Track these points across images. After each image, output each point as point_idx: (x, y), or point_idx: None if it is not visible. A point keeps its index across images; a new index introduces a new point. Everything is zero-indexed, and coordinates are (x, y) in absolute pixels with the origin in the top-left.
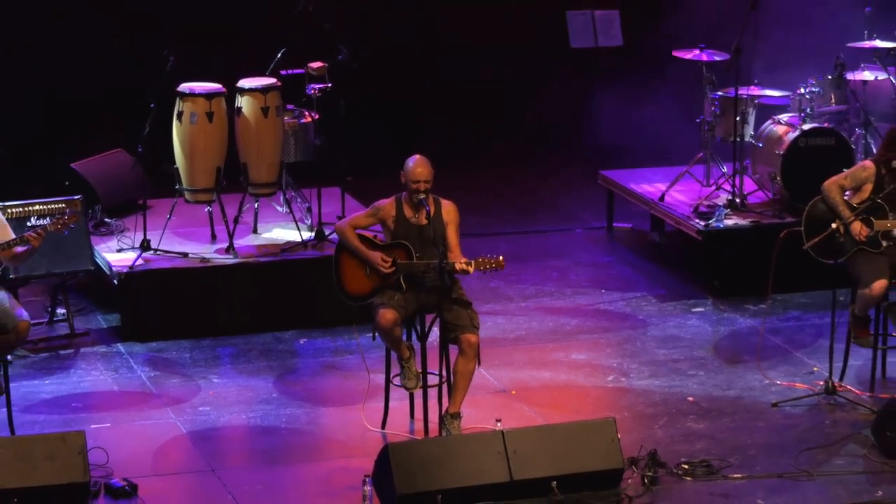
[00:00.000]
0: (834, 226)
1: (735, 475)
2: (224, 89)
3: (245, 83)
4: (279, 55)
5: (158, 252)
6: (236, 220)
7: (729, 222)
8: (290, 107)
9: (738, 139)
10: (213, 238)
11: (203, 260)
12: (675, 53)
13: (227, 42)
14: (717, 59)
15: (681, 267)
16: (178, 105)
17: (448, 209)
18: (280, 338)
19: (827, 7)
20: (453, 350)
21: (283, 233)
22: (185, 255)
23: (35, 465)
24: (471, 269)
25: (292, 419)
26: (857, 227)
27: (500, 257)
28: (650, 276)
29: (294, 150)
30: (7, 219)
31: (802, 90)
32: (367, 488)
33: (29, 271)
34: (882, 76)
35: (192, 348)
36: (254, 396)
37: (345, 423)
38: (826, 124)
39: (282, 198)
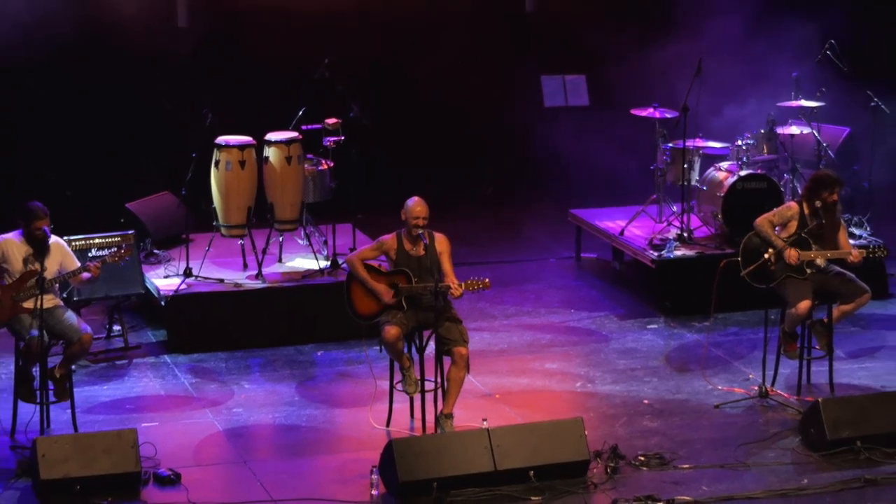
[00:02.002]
0: (766, 255)
1: (683, 466)
2: (254, 141)
3: (272, 136)
4: (300, 113)
5: (199, 278)
6: (264, 252)
7: (678, 253)
8: (309, 156)
9: (686, 183)
10: (245, 266)
11: (236, 285)
12: (632, 111)
13: (256, 101)
14: (667, 116)
15: (638, 290)
16: (216, 155)
17: (440, 240)
18: (301, 350)
19: (760, 72)
20: (447, 361)
21: (303, 262)
22: (221, 280)
23: (95, 457)
24: (460, 292)
25: (311, 419)
26: (791, 253)
27: (486, 279)
28: (612, 298)
29: (313, 192)
30: (72, 250)
31: (740, 142)
32: (374, 477)
33: (90, 294)
34: (806, 130)
35: (227, 359)
36: (279, 399)
37: (355, 421)
38: (759, 171)
39: (302, 232)
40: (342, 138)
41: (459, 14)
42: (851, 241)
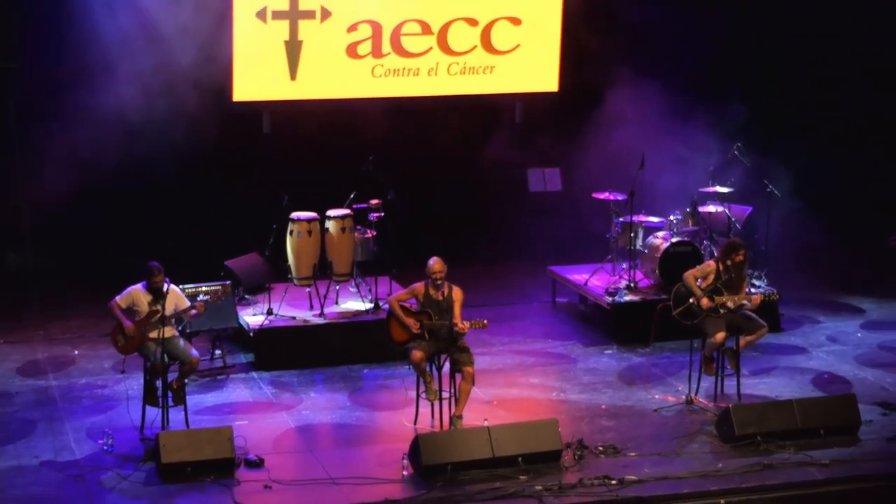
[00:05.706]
0: (691, 301)
1: (631, 454)
2: (318, 216)
3: (331, 213)
4: (352, 195)
5: (278, 316)
6: (325, 297)
7: (627, 298)
8: (358, 227)
9: (632, 247)
10: (311, 307)
11: (305, 321)
12: (593, 195)
13: (320, 188)
14: (619, 198)
15: (597, 325)
16: (290, 226)
17: (456, 292)
18: (352, 368)
19: (686, 166)
20: (458, 377)
21: (354, 304)
22: (294, 318)
23: (201, 447)
24: (466, 330)
25: (359, 419)
26: (705, 301)
27: (485, 320)
28: (579, 331)
29: (361, 253)
30: (185, 295)
31: (671, 217)
32: (405, 461)
33: (198, 327)
34: (720, 209)
35: (298, 375)
36: (336, 404)
37: (391, 421)
38: (686, 238)
39: (353, 282)
40: (382, 214)
41: (468, 125)
42: (752, 290)
